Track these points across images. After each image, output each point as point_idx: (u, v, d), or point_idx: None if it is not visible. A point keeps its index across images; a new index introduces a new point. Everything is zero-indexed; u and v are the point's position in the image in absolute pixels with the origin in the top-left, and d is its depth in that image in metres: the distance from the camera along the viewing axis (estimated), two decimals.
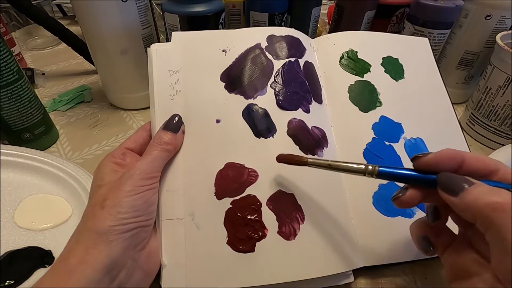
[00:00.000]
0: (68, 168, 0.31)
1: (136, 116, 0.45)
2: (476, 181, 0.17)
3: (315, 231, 0.25)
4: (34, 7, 0.46)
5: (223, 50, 0.30)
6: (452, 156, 0.19)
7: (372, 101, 0.32)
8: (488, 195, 0.16)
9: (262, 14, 0.45)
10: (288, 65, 0.30)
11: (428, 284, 0.26)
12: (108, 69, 0.43)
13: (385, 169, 0.20)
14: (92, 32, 0.39)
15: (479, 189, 0.17)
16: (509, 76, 0.37)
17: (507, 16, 0.40)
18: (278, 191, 0.25)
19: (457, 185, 0.17)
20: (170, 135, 0.25)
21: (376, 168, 0.20)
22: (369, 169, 0.21)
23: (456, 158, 0.19)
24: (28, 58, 0.60)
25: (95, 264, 0.19)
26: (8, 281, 0.24)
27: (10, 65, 0.32)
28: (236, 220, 0.24)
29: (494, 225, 0.16)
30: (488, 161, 0.19)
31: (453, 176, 0.18)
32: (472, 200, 0.16)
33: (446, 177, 0.18)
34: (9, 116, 0.34)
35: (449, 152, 0.19)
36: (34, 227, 0.27)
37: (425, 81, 0.34)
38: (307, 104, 0.29)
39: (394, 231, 0.27)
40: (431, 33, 0.44)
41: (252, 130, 0.27)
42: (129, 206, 0.21)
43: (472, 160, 0.19)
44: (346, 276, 0.25)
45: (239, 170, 0.26)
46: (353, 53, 0.34)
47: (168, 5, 0.38)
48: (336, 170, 0.22)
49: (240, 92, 0.28)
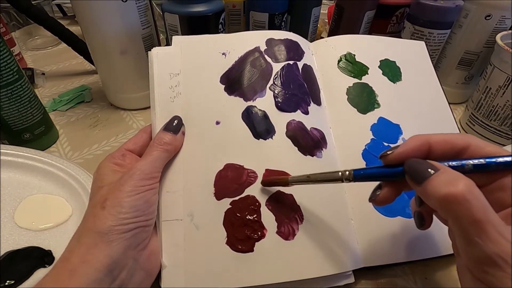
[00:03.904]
0: (68, 168, 0.31)
1: (136, 116, 0.45)
2: (440, 167, 0.17)
3: (314, 231, 0.25)
4: (34, 7, 0.46)
5: (223, 53, 0.30)
6: (418, 147, 0.19)
7: (370, 103, 0.32)
8: (445, 186, 0.16)
9: (262, 14, 0.45)
10: (287, 68, 0.30)
11: (428, 284, 0.26)
12: (108, 69, 0.43)
13: (360, 171, 0.20)
14: (92, 32, 0.39)
15: (438, 178, 0.16)
16: (509, 76, 0.37)
17: (507, 16, 0.40)
18: (277, 192, 0.26)
19: (420, 173, 0.17)
20: (170, 136, 0.25)
21: (351, 172, 0.20)
22: (346, 174, 0.21)
23: (422, 147, 0.19)
24: (28, 58, 0.60)
25: (96, 264, 0.19)
26: (8, 281, 0.24)
27: (10, 65, 0.32)
28: (235, 220, 0.25)
29: (451, 217, 0.16)
30: (456, 140, 0.19)
31: (416, 163, 0.18)
32: (431, 191, 0.16)
33: (410, 166, 0.18)
34: (9, 116, 0.34)
35: (415, 142, 0.19)
36: (34, 227, 0.28)
37: (422, 83, 0.34)
38: (306, 106, 0.29)
39: (394, 231, 0.27)
40: (431, 33, 0.44)
41: (251, 132, 0.27)
42: (129, 206, 0.21)
43: (440, 143, 0.19)
44: (346, 276, 0.25)
45: (239, 171, 0.26)
46: (351, 56, 0.34)
47: (168, 5, 0.38)
48: (314, 182, 0.23)
49: (239, 94, 0.28)
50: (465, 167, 0.18)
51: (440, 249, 0.27)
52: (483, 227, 0.15)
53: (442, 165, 0.17)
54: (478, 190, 0.15)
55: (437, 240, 0.27)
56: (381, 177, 0.20)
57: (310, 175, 0.23)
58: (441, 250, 0.27)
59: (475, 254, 0.15)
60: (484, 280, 0.15)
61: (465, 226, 0.15)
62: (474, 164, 0.17)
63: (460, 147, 0.18)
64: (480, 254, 0.15)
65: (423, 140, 0.19)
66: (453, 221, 0.16)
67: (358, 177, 0.20)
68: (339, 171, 0.21)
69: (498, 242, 0.14)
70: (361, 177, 0.20)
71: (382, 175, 0.20)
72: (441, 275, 0.27)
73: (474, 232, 0.15)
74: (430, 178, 0.16)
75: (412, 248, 0.26)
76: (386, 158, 0.19)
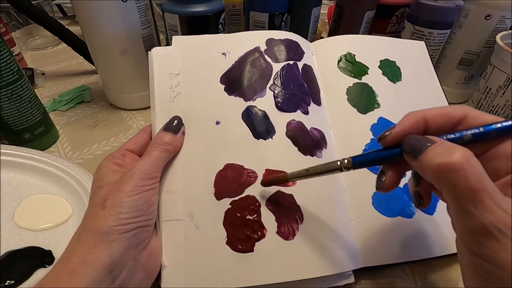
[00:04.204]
0: (68, 168, 0.31)
1: (136, 116, 0.45)
2: (437, 140, 0.17)
3: (314, 231, 0.25)
4: (34, 7, 0.46)
5: (223, 53, 0.30)
6: (414, 124, 0.18)
7: (370, 103, 0.32)
8: (440, 156, 0.15)
9: (262, 14, 0.45)
10: (287, 68, 0.30)
11: (428, 284, 0.26)
12: (108, 69, 0.43)
13: (358, 157, 0.20)
14: (92, 32, 0.39)
15: (434, 150, 0.16)
16: (509, 76, 0.37)
17: (507, 16, 0.40)
18: (277, 192, 0.26)
19: (417, 147, 0.17)
20: (170, 136, 0.25)
21: (350, 159, 0.20)
22: (344, 162, 0.20)
23: (418, 123, 0.18)
24: (28, 58, 0.60)
25: (96, 264, 0.19)
26: (8, 281, 0.24)
27: (10, 65, 0.32)
28: (236, 220, 0.25)
29: (446, 187, 0.15)
30: (453, 112, 0.18)
31: (413, 139, 0.18)
32: (426, 163, 0.16)
33: (407, 143, 0.18)
34: (9, 116, 0.34)
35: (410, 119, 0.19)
36: (34, 227, 0.28)
37: (422, 83, 0.34)
38: (306, 106, 0.29)
39: (394, 231, 0.27)
40: (431, 33, 0.44)
41: (251, 132, 0.27)
42: (129, 206, 0.21)
43: (435, 117, 0.18)
44: (346, 276, 0.25)
45: (239, 171, 0.26)
46: (351, 56, 0.34)
47: (168, 5, 0.38)
48: (314, 175, 0.22)
49: (239, 95, 0.28)
50: (464, 138, 0.17)
51: (440, 249, 0.27)
52: (479, 196, 0.14)
53: (439, 138, 0.17)
54: (475, 160, 0.15)
55: (436, 240, 0.27)
56: (381, 160, 0.20)
57: (309, 169, 0.22)
58: (441, 250, 0.27)
59: (470, 224, 0.15)
60: (479, 252, 0.15)
61: (460, 196, 0.15)
62: (472, 134, 0.17)
63: (457, 118, 0.18)
64: (475, 225, 0.14)
65: (418, 116, 0.19)
66: (448, 191, 0.15)
67: (357, 164, 0.20)
68: (338, 160, 0.21)
69: (494, 211, 0.14)
70: (360, 163, 0.20)
71: (382, 158, 0.20)
72: (441, 275, 0.27)
73: (469, 201, 0.14)
74: (426, 150, 0.16)
75: (412, 248, 0.26)
76: (385, 140, 0.19)
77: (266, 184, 0.25)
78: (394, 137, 0.19)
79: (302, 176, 0.23)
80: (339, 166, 0.21)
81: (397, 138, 0.19)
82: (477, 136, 0.17)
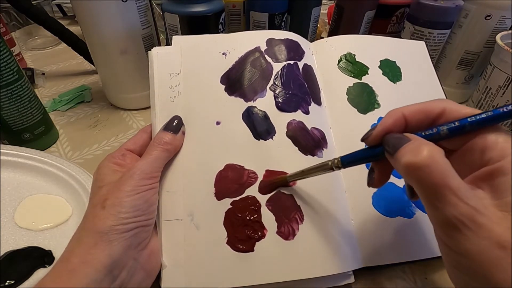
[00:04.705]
0: (68, 168, 0.31)
1: (136, 116, 0.45)
2: (412, 137, 0.17)
3: (315, 231, 0.25)
4: (34, 7, 0.46)
5: (223, 53, 0.30)
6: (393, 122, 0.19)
7: (371, 103, 0.32)
8: (407, 154, 0.16)
9: (262, 14, 0.45)
10: (287, 68, 0.30)
11: (428, 284, 0.26)
12: (108, 69, 0.43)
13: (346, 157, 0.21)
14: (92, 32, 0.39)
15: (404, 148, 0.16)
16: (509, 76, 0.37)
17: (507, 16, 0.40)
18: (277, 192, 0.26)
19: (392, 146, 0.17)
20: (171, 136, 0.25)
21: (339, 159, 0.21)
22: (335, 162, 0.21)
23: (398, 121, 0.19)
24: (28, 58, 0.60)
25: (96, 264, 0.19)
26: (8, 281, 0.24)
27: (10, 65, 0.32)
28: (236, 220, 0.25)
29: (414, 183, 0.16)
30: (430, 107, 0.19)
31: (391, 138, 0.18)
32: (398, 161, 0.17)
33: (386, 142, 0.18)
34: (9, 116, 0.34)
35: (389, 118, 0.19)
36: (34, 227, 0.28)
37: (422, 83, 0.34)
38: (306, 106, 0.29)
39: (394, 231, 0.27)
40: (431, 33, 0.44)
41: (251, 132, 0.27)
42: (129, 206, 0.21)
43: (413, 114, 0.19)
44: (346, 276, 0.25)
45: (239, 171, 0.26)
46: (351, 56, 0.34)
47: (168, 5, 0.38)
48: (309, 175, 0.23)
49: (240, 95, 0.28)
50: (440, 133, 0.17)
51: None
52: (442, 191, 0.15)
53: (415, 135, 0.17)
54: (440, 156, 0.15)
55: (436, 240, 0.27)
56: (367, 158, 0.21)
57: (304, 170, 0.24)
58: None
59: (438, 218, 0.16)
60: (448, 243, 0.16)
61: (426, 191, 0.16)
62: (448, 128, 0.17)
63: (435, 113, 0.18)
64: (441, 218, 0.15)
65: (397, 114, 0.19)
66: (416, 187, 0.16)
67: (346, 163, 0.21)
68: (329, 160, 0.22)
69: (456, 205, 0.15)
70: (348, 162, 0.21)
71: (367, 156, 0.20)
72: (441, 275, 0.27)
73: (434, 196, 0.15)
74: (399, 148, 0.17)
75: (412, 248, 0.26)
76: (368, 140, 0.20)
77: (266, 190, 0.26)
78: (376, 136, 0.19)
79: (298, 176, 0.24)
80: (330, 166, 0.22)
81: (378, 137, 0.19)
82: (453, 131, 0.17)
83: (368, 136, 0.20)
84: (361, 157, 0.21)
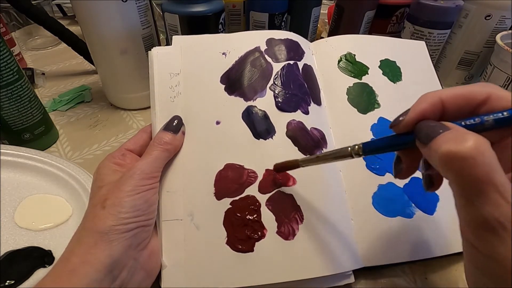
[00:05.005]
0: (68, 168, 0.31)
1: (136, 116, 0.45)
2: (452, 126, 0.15)
3: (314, 231, 0.25)
4: (34, 7, 0.46)
5: (223, 53, 0.30)
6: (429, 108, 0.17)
7: (371, 103, 0.32)
8: (449, 143, 0.14)
9: (262, 14, 0.45)
10: (287, 68, 0.30)
11: (428, 284, 0.26)
12: (108, 69, 0.43)
13: (369, 143, 0.19)
14: (92, 32, 0.39)
15: (444, 137, 0.15)
16: (509, 76, 0.37)
17: (507, 16, 0.40)
18: (277, 192, 0.26)
19: (428, 134, 0.15)
20: (171, 136, 0.25)
21: (360, 146, 0.20)
22: (355, 149, 0.20)
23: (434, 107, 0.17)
24: (28, 58, 0.60)
25: (96, 264, 0.19)
26: (8, 281, 0.24)
27: (10, 65, 0.32)
28: (236, 220, 0.25)
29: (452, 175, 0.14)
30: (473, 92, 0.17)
31: (426, 126, 0.16)
32: (435, 149, 0.15)
33: (419, 130, 0.17)
34: (9, 116, 0.34)
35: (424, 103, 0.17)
36: (34, 227, 0.28)
37: (422, 83, 0.34)
38: (306, 105, 0.29)
39: (394, 231, 0.27)
40: (431, 33, 0.44)
41: (251, 132, 0.27)
42: (129, 205, 0.21)
43: (453, 99, 0.17)
44: (346, 276, 0.25)
45: (239, 171, 0.26)
46: (351, 56, 0.34)
47: (168, 5, 0.38)
48: (325, 161, 0.22)
49: (239, 94, 0.28)
50: (485, 124, 0.15)
51: (440, 249, 0.27)
52: (484, 188, 0.13)
53: (455, 124, 0.15)
54: (488, 149, 0.14)
55: (436, 240, 0.27)
56: (393, 146, 0.19)
57: (319, 156, 0.22)
58: (441, 250, 0.27)
59: (472, 216, 0.14)
60: (477, 245, 0.14)
61: (465, 185, 0.14)
62: (495, 119, 0.15)
63: (479, 100, 0.16)
64: (476, 217, 0.14)
65: (434, 98, 0.17)
66: (454, 179, 0.14)
67: (368, 150, 0.19)
68: (348, 146, 0.20)
69: (499, 205, 0.13)
70: (371, 149, 0.19)
71: (394, 144, 0.18)
72: (441, 275, 0.27)
73: (473, 192, 0.14)
74: (437, 136, 0.15)
75: (412, 248, 0.26)
76: (398, 127, 0.18)
77: (278, 169, 0.25)
78: (407, 123, 0.17)
79: (313, 161, 0.23)
80: (349, 152, 0.20)
81: (411, 124, 0.17)
82: (500, 122, 0.15)
83: (398, 122, 0.18)
84: (387, 144, 0.18)
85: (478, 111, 0.17)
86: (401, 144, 0.18)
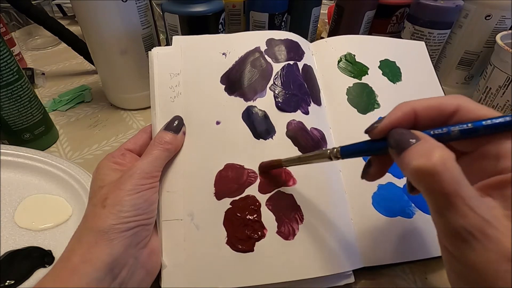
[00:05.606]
0: (68, 168, 0.31)
1: (136, 116, 0.45)
2: (422, 136, 0.16)
3: (315, 231, 0.25)
4: (34, 7, 0.46)
5: (223, 53, 0.30)
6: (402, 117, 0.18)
7: (370, 103, 0.32)
8: (419, 157, 0.15)
9: (262, 14, 0.45)
10: (287, 68, 0.30)
11: (428, 284, 0.26)
12: (108, 69, 0.43)
13: (346, 147, 0.20)
14: (92, 32, 0.39)
15: (415, 149, 0.15)
16: (509, 76, 0.37)
17: (507, 16, 0.40)
18: (277, 192, 0.26)
19: (400, 143, 0.16)
20: (171, 135, 0.25)
21: (338, 149, 0.20)
22: (334, 152, 0.20)
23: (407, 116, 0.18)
24: (28, 58, 0.60)
25: (97, 262, 0.19)
26: (8, 281, 0.24)
27: (10, 65, 0.32)
28: (236, 220, 0.25)
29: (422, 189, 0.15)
30: (444, 104, 0.17)
31: (397, 134, 0.17)
32: (406, 163, 0.15)
33: (392, 137, 0.17)
34: (9, 116, 0.34)
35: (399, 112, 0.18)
36: (34, 227, 0.28)
37: (422, 84, 0.34)
38: (306, 106, 0.29)
39: (394, 231, 0.27)
40: (431, 33, 0.44)
41: (251, 132, 0.27)
42: (130, 204, 0.21)
43: (426, 109, 0.18)
44: (346, 276, 0.25)
45: (239, 171, 0.26)
46: (351, 56, 0.34)
47: (168, 5, 0.38)
48: (306, 161, 0.23)
49: (240, 95, 0.29)
50: (451, 134, 0.16)
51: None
52: (452, 200, 0.14)
53: (425, 134, 0.16)
54: (453, 162, 0.14)
55: (436, 240, 0.27)
56: (368, 151, 0.19)
57: (300, 156, 0.23)
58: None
59: (445, 227, 0.15)
60: (455, 253, 0.15)
61: (435, 199, 0.15)
62: (460, 130, 0.16)
63: (449, 111, 0.17)
64: (448, 227, 0.15)
65: (408, 108, 0.18)
66: (424, 193, 0.15)
67: (345, 154, 0.20)
68: (327, 149, 0.21)
69: (466, 215, 0.14)
70: (348, 153, 0.20)
71: (369, 149, 0.19)
72: (441, 275, 0.27)
73: (443, 205, 0.14)
74: (408, 149, 0.16)
75: (412, 248, 0.26)
76: (372, 133, 0.19)
77: (263, 169, 0.26)
78: (381, 129, 0.18)
79: (295, 162, 0.24)
80: (328, 155, 0.21)
81: (384, 131, 0.18)
82: (465, 133, 0.16)
83: (373, 128, 0.18)
84: (362, 149, 0.19)
85: (450, 122, 0.17)
86: (375, 149, 0.19)
